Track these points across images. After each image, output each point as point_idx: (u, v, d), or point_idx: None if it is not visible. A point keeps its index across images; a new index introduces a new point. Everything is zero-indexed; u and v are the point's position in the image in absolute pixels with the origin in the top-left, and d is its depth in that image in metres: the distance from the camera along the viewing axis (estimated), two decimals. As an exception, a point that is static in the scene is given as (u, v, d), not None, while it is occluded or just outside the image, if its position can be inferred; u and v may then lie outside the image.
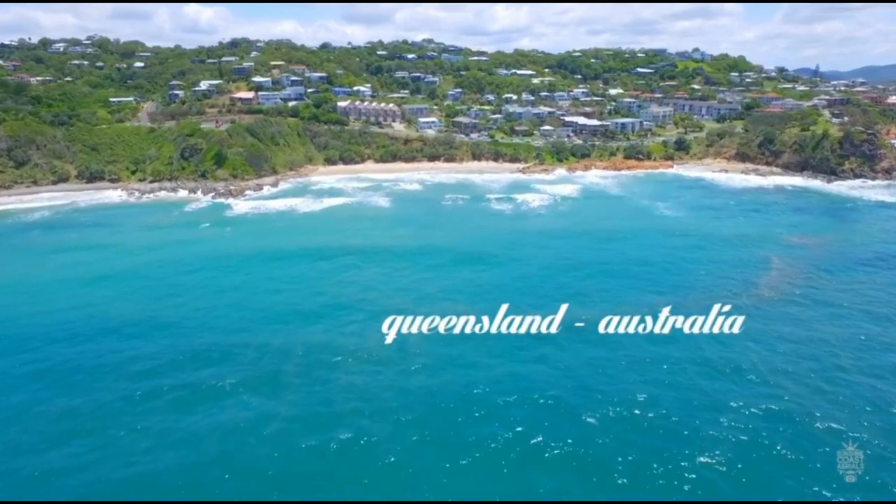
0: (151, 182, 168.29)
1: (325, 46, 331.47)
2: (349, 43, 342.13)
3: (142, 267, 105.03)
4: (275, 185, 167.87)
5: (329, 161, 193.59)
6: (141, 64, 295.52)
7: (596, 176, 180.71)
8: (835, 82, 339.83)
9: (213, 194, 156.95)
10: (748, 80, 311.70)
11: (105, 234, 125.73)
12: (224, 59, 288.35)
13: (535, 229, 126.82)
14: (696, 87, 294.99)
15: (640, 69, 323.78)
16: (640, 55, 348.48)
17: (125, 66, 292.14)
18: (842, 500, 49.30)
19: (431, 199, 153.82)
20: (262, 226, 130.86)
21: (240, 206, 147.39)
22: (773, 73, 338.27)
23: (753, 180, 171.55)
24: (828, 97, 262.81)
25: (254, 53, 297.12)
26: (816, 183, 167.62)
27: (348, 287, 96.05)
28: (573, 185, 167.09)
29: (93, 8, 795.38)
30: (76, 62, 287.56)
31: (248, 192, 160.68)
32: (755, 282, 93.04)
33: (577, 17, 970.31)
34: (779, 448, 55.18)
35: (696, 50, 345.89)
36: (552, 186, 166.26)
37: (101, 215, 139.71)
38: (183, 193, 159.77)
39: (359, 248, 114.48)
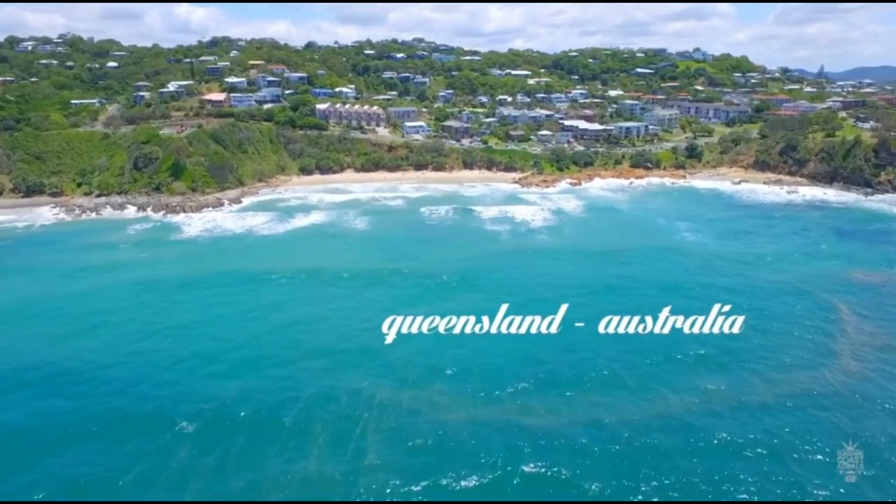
0: (98, 196, 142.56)
1: (310, 46, 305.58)
2: (336, 42, 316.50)
3: (43, 304, 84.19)
4: (238, 199, 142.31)
5: (304, 171, 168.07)
6: (114, 64, 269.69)
7: (601, 188, 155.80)
8: (840, 83, 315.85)
9: (164, 212, 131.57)
10: (753, 80, 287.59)
11: (16, 262, 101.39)
12: (202, 58, 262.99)
13: (535, 257, 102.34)
14: (699, 88, 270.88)
15: (639, 69, 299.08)
16: (638, 55, 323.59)
17: (97, 65, 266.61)
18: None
19: (415, 217, 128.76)
20: (210, 253, 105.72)
21: (192, 226, 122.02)
22: (777, 74, 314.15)
23: (780, 194, 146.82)
24: (841, 99, 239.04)
25: (234, 53, 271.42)
26: (852, 197, 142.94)
27: (289, 336, 75.11)
28: (577, 200, 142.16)
29: (83, 8, 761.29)
30: (44, 62, 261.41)
31: (206, 208, 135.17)
32: (830, 345, 68.58)
33: (571, 19, 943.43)
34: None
35: (697, 50, 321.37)
36: (553, 201, 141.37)
37: (22, 239, 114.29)
38: (130, 211, 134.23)
39: (318, 284, 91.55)
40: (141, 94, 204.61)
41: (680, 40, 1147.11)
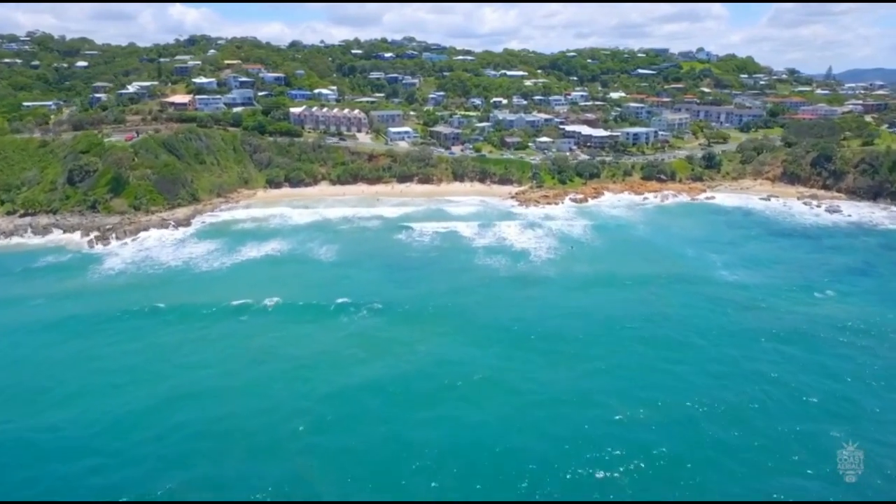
0: (22, 216, 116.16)
1: (294, 45, 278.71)
2: (322, 41, 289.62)
3: None
4: (187, 221, 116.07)
5: (272, 183, 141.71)
6: (84, 63, 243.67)
7: (612, 205, 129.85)
8: (850, 85, 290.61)
9: (92, 237, 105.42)
10: (762, 82, 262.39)
11: None
12: (178, 56, 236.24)
13: (540, 308, 77.01)
14: (705, 90, 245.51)
15: (640, 70, 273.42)
16: (639, 55, 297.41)
17: (65, 65, 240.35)
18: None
19: (393, 245, 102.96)
20: (124, 293, 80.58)
21: (118, 257, 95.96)
22: (785, 76, 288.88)
23: (820, 214, 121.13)
24: (861, 102, 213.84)
25: (211, 52, 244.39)
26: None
27: (172, 419, 54.07)
28: (585, 221, 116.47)
29: (74, 8, 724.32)
30: (7, 61, 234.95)
31: (145, 231, 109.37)
32: None
33: (566, 20, 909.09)
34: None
35: (701, 49, 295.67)
36: (557, 222, 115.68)
37: None
38: (55, 235, 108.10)
39: (243, 340, 68.91)
40: (98, 95, 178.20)
41: (674, 42, 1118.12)
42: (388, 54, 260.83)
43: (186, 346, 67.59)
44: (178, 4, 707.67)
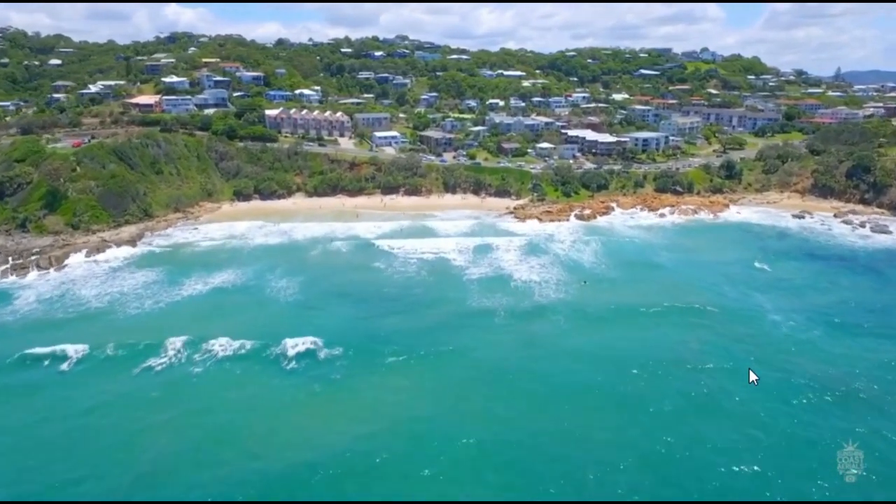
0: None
1: (281, 43, 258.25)
2: (310, 39, 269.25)
3: None
4: (133, 241, 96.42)
5: (240, 195, 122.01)
6: (58, 61, 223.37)
7: (625, 224, 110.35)
8: (860, 86, 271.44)
9: (9, 266, 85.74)
10: (771, 83, 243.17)
11: None
12: (155, 55, 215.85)
13: (541, 368, 58.32)
14: (713, 91, 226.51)
15: (643, 71, 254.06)
16: (642, 55, 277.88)
17: (38, 63, 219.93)
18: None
19: (367, 276, 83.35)
20: (11, 349, 60.64)
21: (33, 291, 76.42)
22: (793, 77, 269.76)
23: (867, 234, 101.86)
24: (883, 104, 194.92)
25: (192, 49, 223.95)
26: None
27: None
28: (595, 243, 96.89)
29: (69, 8, 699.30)
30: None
31: (77, 254, 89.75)
32: None
33: (562, 21, 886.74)
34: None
35: (705, 49, 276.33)
36: (563, 246, 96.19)
37: None
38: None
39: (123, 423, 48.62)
40: (56, 96, 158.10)
41: (671, 44, 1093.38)
42: (378, 53, 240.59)
43: (70, 420, 50.33)
44: (173, 4, 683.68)
